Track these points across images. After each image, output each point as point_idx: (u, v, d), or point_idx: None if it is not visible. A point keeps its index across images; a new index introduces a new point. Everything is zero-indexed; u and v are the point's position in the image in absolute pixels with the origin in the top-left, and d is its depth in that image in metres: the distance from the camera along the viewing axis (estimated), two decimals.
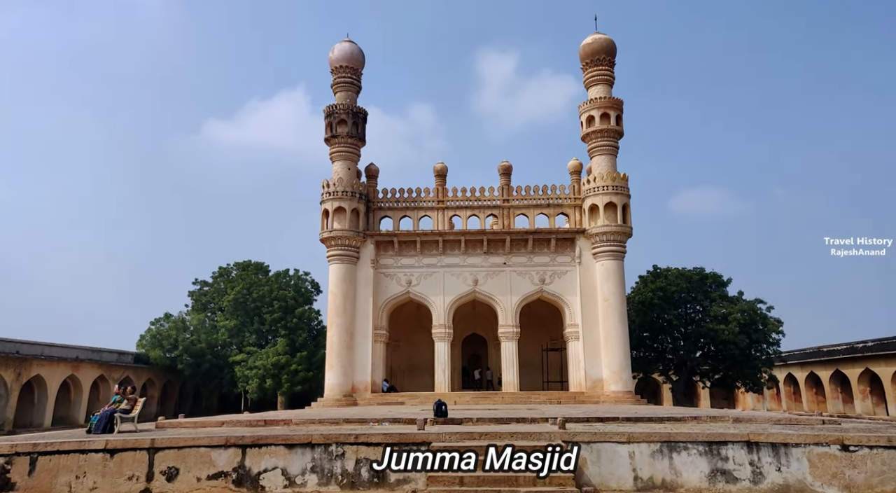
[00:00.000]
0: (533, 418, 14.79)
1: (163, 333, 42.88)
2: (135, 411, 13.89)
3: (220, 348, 43.03)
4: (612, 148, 30.16)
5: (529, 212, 30.71)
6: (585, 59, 31.16)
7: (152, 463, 10.86)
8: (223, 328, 42.39)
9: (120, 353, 41.95)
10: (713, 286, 38.09)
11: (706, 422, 14.51)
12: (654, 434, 11.11)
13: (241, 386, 40.49)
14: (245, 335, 42.85)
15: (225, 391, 45.23)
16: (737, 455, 10.62)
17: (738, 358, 36.00)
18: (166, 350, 42.42)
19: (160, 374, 44.29)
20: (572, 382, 29.22)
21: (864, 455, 10.32)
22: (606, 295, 28.67)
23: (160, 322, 44.03)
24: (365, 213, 30.45)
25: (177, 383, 46.54)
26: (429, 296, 29.78)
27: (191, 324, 43.89)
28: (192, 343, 42.04)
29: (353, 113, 30.75)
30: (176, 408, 42.84)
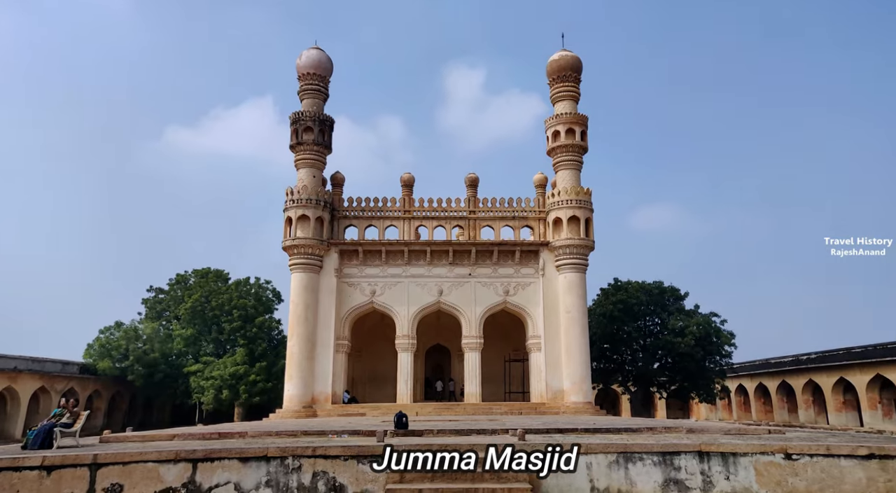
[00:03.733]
0: (493, 429, 14.85)
1: (112, 342, 41.20)
2: (77, 424, 13.26)
3: (175, 358, 41.77)
4: (576, 163, 30.72)
5: (495, 224, 30.97)
6: (552, 75, 31.74)
7: (94, 480, 10.35)
8: (179, 337, 41.23)
9: (64, 363, 39.93)
10: (671, 300, 39.01)
11: (661, 433, 14.81)
12: (612, 445, 11.29)
13: (196, 397, 39.41)
14: (202, 345, 41.83)
15: (178, 403, 43.90)
16: (689, 465, 10.87)
17: (694, 370, 36.90)
18: (116, 360, 40.81)
19: (108, 385, 42.52)
20: (534, 393, 29.45)
21: (805, 463, 10.71)
22: (568, 307, 29.06)
23: (110, 331, 42.34)
24: (329, 221, 30.23)
25: (126, 395, 44.80)
26: (393, 306, 29.67)
27: (144, 333, 42.41)
28: (145, 353, 40.57)
29: (319, 120, 30.58)
30: (124, 421, 41.40)
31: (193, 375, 38.79)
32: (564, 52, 31.73)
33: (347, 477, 10.55)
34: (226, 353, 40.75)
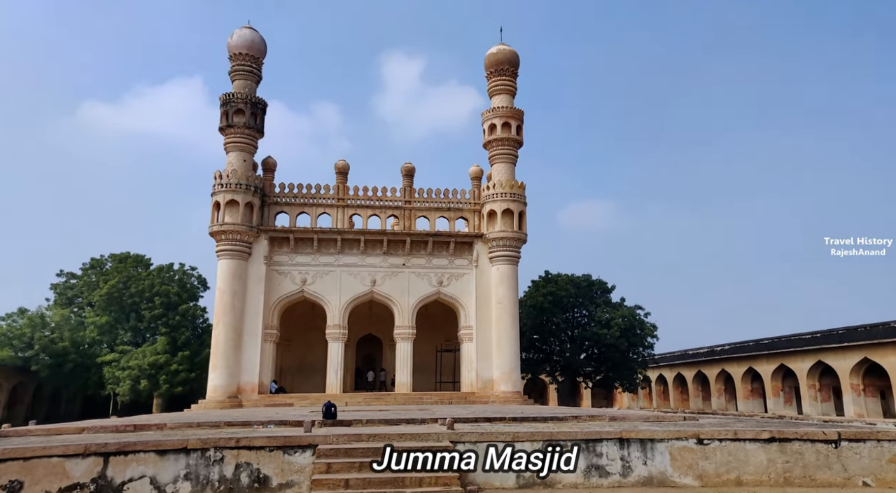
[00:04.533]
0: (423, 418, 14.90)
1: (15, 330, 38.30)
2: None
3: (88, 347, 39.33)
4: (511, 157, 31.12)
5: (430, 215, 30.97)
6: (490, 68, 31.95)
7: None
8: (92, 325, 38.81)
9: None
10: (599, 293, 40.34)
11: (586, 421, 15.30)
12: (538, 434, 11.55)
13: (110, 389, 37.33)
14: (118, 333, 39.65)
15: (91, 395, 41.39)
16: (610, 451, 11.28)
17: (618, 360, 38.37)
18: (18, 349, 37.98)
19: (9, 376, 39.49)
20: (464, 382, 29.78)
21: (715, 448, 11.35)
22: (500, 298, 29.51)
23: (12, 318, 39.37)
24: (260, 207, 29.32)
25: (30, 386, 41.78)
26: (324, 295, 29.18)
27: (52, 320, 39.64)
28: (53, 342, 37.91)
29: (251, 103, 29.53)
30: (27, 414, 38.62)
31: (108, 365, 36.74)
32: (502, 46, 32.00)
33: (272, 469, 10.31)
34: (145, 342, 38.86)
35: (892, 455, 11.43)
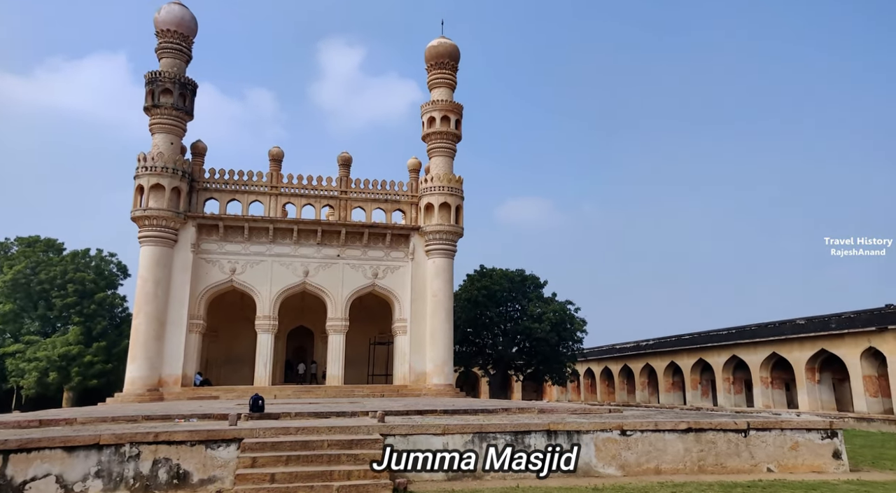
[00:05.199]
0: (354, 411, 14.74)
1: None
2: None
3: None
4: (450, 150, 31.18)
5: (367, 206, 30.60)
6: (430, 61, 31.84)
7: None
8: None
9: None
10: (532, 287, 41.14)
11: (515, 414, 15.57)
12: (468, 426, 11.65)
13: (13, 381, 34.84)
14: (24, 322, 37.05)
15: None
16: (538, 443, 11.53)
17: (549, 354, 39.31)
18: None
19: None
20: (397, 375, 29.70)
21: (636, 438, 11.82)
22: (435, 291, 29.57)
23: None
24: (188, 192, 28.08)
25: None
26: (255, 285, 28.33)
27: None
28: None
29: (180, 83, 28.17)
30: None
31: (11, 356, 34.26)
32: (443, 40, 31.95)
33: (193, 464, 9.91)
34: (55, 331, 36.50)
35: (793, 443, 12.24)
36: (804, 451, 12.20)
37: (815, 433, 12.38)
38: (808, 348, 31.65)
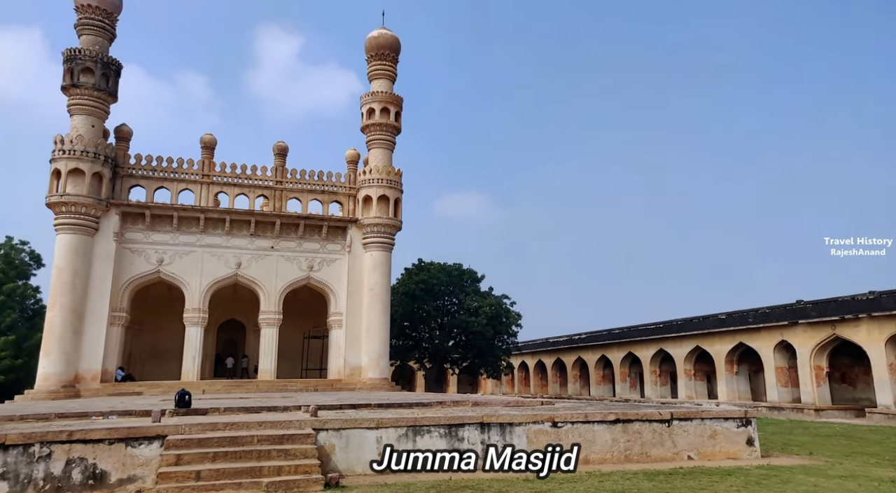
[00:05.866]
0: (286, 406, 14.42)
1: None
2: None
3: None
4: (389, 143, 30.93)
5: (303, 197, 29.96)
6: (371, 51, 31.44)
7: None
8: None
9: None
10: (469, 281, 41.50)
11: (450, 407, 15.65)
12: (402, 419, 11.60)
13: None
14: None
15: None
16: (471, 435, 11.62)
17: (484, 347, 39.80)
18: None
19: None
20: (332, 370, 29.30)
21: (567, 430, 12.11)
22: (372, 285, 29.32)
23: None
24: (111, 178, 26.64)
25: None
26: (183, 277, 27.22)
27: None
28: None
29: (102, 62, 26.62)
30: None
31: None
32: (384, 31, 31.61)
33: (112, 463, 9.40)
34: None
35: (712, 432, 12.88)
36: (721, 439, 12.85)
37: (731, 421, 13.06)
38: (728, 341, 33.43)
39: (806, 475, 10.39)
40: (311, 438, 10.54)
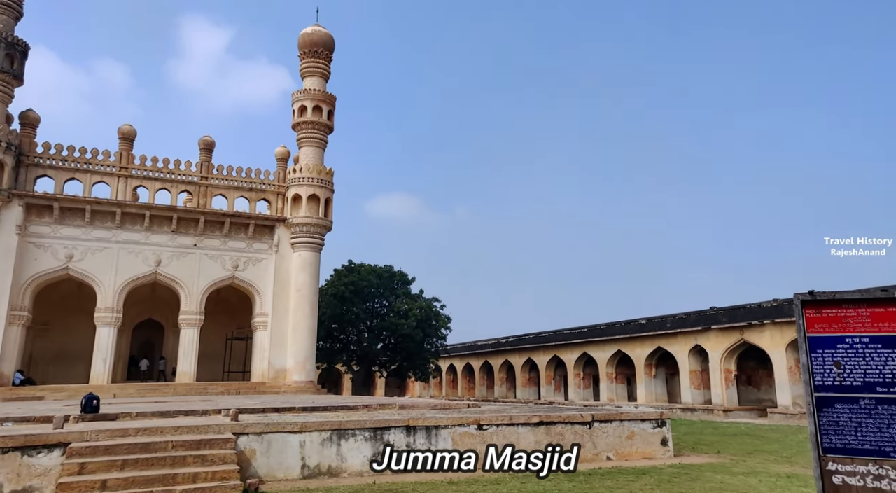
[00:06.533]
0: (205, 410, 13.84)
1: None
2: None
3: None
4: (321, 141, 30.41)
5: (229, 194, 28.94)
6: (304, 48, 30.83)
7: None
8: None
9: None
10: (399, 284, 41.35)
11: (376, 410, 15.51)
12: (327, 423, 11.38)
13: None
14: None
15: None
16: (397, 439, 11.54)
17: (413, 350, 39.75)
18: None
19: None
20: (255, 372, 28.42)
21: (492, 432, 12.26)
22: (300, 286, 28.69)
23: None
24: (14, 167, 24.78)
25: None
26: (96, 274, 25.66)
27: None
28: None
29: (6, 42, 24.75)
30: None
31: None
32: (318, 28, 31.10)
33: (5, 474, 8.69)
34: None
35: (630, 433, 13.38)
36: (638, 440, 13.38)
37: (648, 423, 13.62)
38: (648, 345, 34.93)
39: (713, 472, 10.97)
40: (231, 443, 10.17)
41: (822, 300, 5.43)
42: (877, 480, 4.89)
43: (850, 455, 5.03)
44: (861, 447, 5.00)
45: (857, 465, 4.96)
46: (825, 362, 5.32)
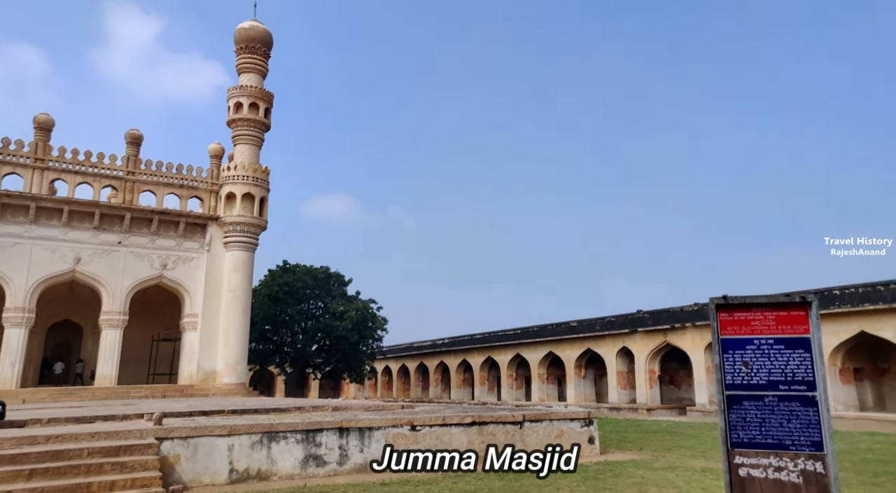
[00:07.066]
0: (126, 414, 13.24)
1: None
2: None
3: None
4: (257, 139, 29.68)
5: (158, 190, 27.77)
6: (241, 43, 30.03)
7: None
8: None
9: None
10: (336, 285, 40.87)
11: (309, 412, 15.29)
12: (257, 425, 11.15)
13: None
14: None
15: None
16: (329, 441, 11.44)
17: (349, 352, 39.37)
18: None
19: None
20: (183, 375, 27.38)
21: (425, 433, 12.35)
22: (233, 286, 27.89)
23: None
24: None
25: None
26: (5, 272, 24.05)
27: None
28: None
29: None
30: None
31: None
32: (255, 23, 30.37)
33: None
34: None
35: (559, 431, 13.79)
36: (567, 438, 13.79)
37: (576, 422, 14.08)
38: (578, 347, 35.99)
39: (635, 468, 11.47)
40: (154, 448, 9.79)
41: (734, 304, 5.81)
42: (777, 471, 5.27)
43: (754, 449, 5.40)
44: (764, 441, 5.38)
45: (761, 458, 5.33)
46: (735, 362, 5.68)
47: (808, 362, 5.41)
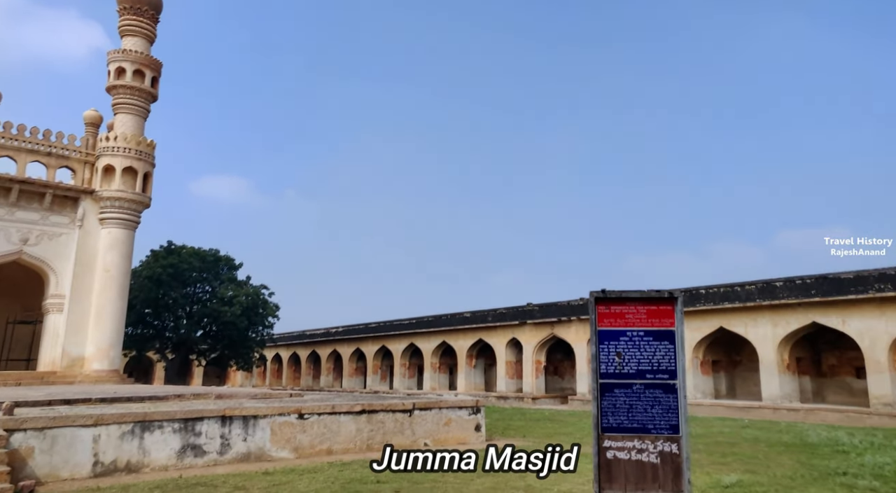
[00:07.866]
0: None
1: None
2: None
3: None
4: (142, 110, 27.56)
5: (20, 156, 25.02)
6: (124, 3, 27.64)
7: None
8: None
9: None
10: (225, 269, 39.08)
11: (189, 400, 14.55)
12: (129, 414, 10.44)
13: None
14: None
15: None
16: (210, 430, 10.94)
17: (237, 338, 37.86)
18: None
19: None
20: (44, 360, 25.01)
21: (313, 421, 12.16)
22: (109, 266, 25.79)
23: None
24: None
25: None
26: None
27: None
28: None
29: None
30: None
31: None
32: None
33: None
34: None
35: (447, 420, 14.08)
36: (455, 426, 14.12)
37: (464, 410, 14.43)
38: (470, 337, 36.87)
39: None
40: (2, 441, 8.89)
41: (612, 298, 6.20)
42: (639, 453, 5.72)
43: (622, 433, 5.82)
44: (630, 425, 5.82)
45: (626, 441, 5.76)
46: (609, 352, 6.08)
47: (671, 353, 5.91)
